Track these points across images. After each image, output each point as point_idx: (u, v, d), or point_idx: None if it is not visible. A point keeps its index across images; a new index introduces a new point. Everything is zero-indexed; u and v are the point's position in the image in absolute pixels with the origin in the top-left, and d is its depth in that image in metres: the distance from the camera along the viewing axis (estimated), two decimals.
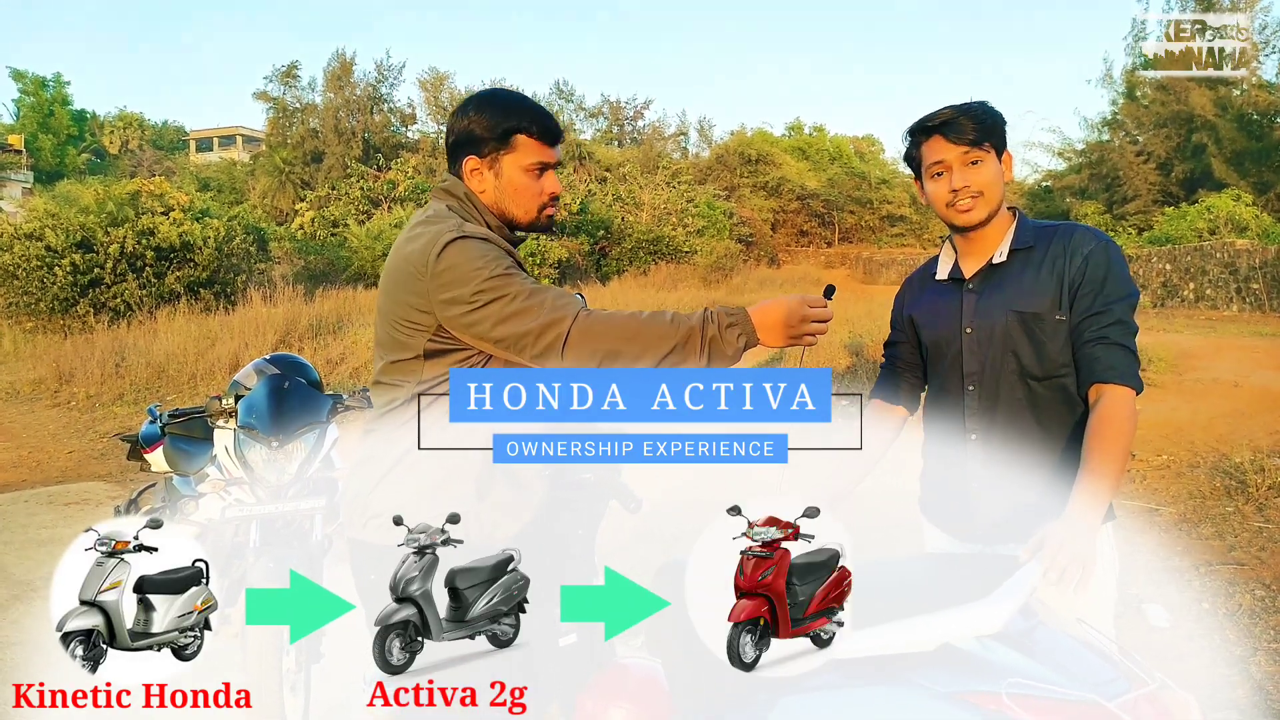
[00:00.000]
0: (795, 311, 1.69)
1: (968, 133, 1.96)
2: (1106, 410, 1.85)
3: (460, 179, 1.94)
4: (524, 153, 1.90)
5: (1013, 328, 1.98)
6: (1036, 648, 1.51)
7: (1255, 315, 16.74)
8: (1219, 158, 24.41)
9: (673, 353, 1.65)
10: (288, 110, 33.57)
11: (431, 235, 1.78)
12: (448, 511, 1.65)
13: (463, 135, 1.91)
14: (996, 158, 2.00)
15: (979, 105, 2.00)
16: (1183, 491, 5.73)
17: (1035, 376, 1.97)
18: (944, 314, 2.10)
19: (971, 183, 1.97)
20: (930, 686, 1.45)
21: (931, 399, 2.17)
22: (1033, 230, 2.05)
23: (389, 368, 1.85)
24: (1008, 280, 2.02)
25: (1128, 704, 1.42)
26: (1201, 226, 20.62)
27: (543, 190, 1.94)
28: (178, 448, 3.55)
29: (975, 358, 2.03)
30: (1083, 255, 1.95)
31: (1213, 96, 24.60)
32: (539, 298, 1.70)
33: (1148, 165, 26.41)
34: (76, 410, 10.07)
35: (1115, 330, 1.90)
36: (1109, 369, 1.88)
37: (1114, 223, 25.10)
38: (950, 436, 2.07)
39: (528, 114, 1.91)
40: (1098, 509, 1.73)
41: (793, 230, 34.98)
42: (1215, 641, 3.68)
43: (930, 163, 2.01)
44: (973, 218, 2.00)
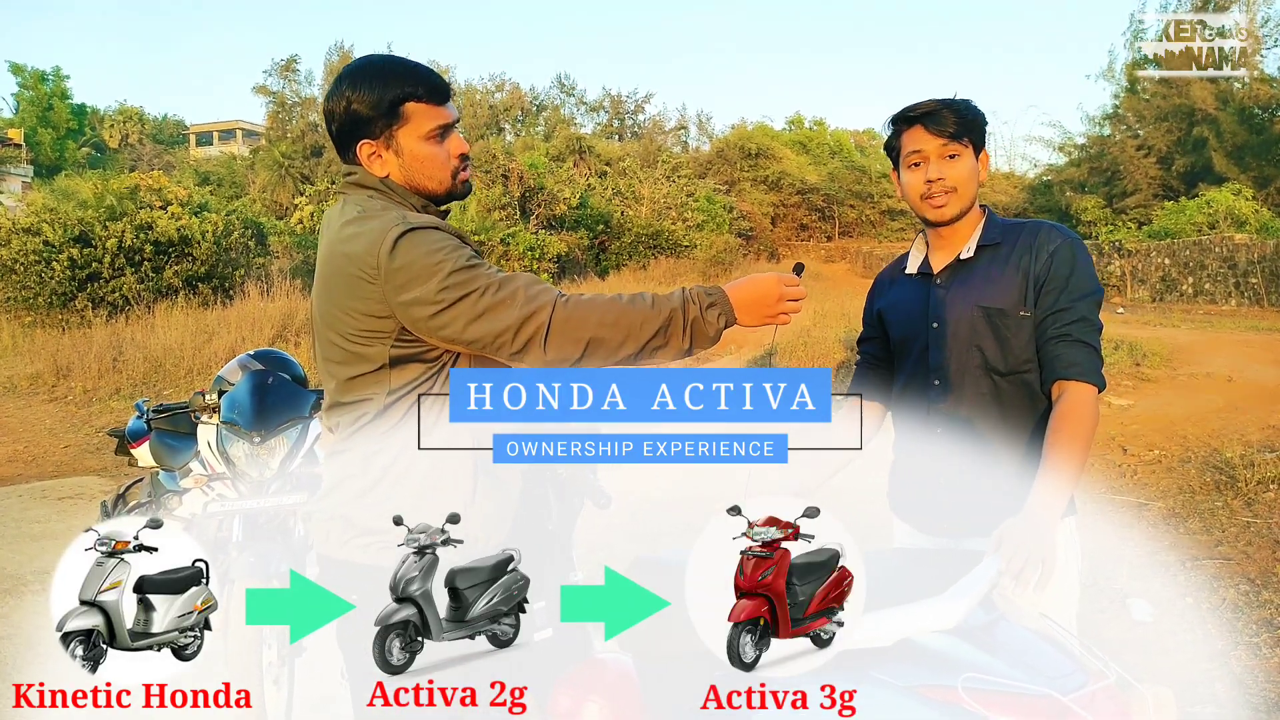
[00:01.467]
0: (771, 290, 1.66)
1: (948, 125, 1.97)
2: (1067, 406, 1.86)
3: (360, 167, 1.75)
4: (418, 121, 1.72)
5: (978, 322, 1.99)
6: (994, 642, 1.52)
7: (1253, 310, 16.73)
8: (1219, 151, 24.34)
9: (655, 337, 1.60)
10: (287, 104, 33.55)
11: (373, 232, 1.62)
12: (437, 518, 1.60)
13: (346, 120, 1.72)
14: (974, 155, 2.01)
15: (962, 101, 2.01)
16: (1173, 486, 5.74)
17: (999, 371, 1.98)
18: (911, 308, 2.11)
19: (947, 176, 1.98)
20: (887, 681, 1.46)
21: (899, 393, 2.18)
22: (1001, 227, 2.06)
23: (349, 385, 1.70)
24: (974, 276, 2.03)
25: (1084, 698, 1.42)
26: (1201, 221, 20.59)
27: (450, 154, 1.76)
28: (163, 443, 3.56)
29: (941, 352, 2.04)
30: (1048, 252, 1.97)
31: (1214, 90, 24.52)
32: (510, 289, 1.58)
33: (1148, 159, 26.34)
34: (73, 405, 10.10)
35: (1079, 327, 1.91)
36: (1071, 365, 1.89)
37: (1114, 217, 25.03)
38: (916, 431, 2.08)
39: (409, 78, 1.71)
40: (1056, 505, 1.74)
41: (793, 224, 34.94)
42: (1197, 636, 3.69)
43: (908, 151, 2.02)
44: (945, 213, 2.01)
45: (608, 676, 1.96)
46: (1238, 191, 21.38)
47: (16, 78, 48.61)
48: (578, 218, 24.84)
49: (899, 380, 2.18)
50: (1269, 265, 17.03)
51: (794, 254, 32.40)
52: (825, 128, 40.92)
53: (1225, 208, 20.51)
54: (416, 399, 1.68)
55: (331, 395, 1.76)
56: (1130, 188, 26.43)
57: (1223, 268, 17.88)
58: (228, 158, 39.06)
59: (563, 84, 40.25)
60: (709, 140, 39.80)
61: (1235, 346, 10.60)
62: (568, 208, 24.37)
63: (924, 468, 2.08)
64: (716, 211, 28.37)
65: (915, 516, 2.14)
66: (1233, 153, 24.37)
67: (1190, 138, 25.72)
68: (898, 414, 2.17)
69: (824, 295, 15.80)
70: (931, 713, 1.41)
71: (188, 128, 55.73)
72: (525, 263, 20.59)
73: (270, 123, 34.57)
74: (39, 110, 47.44)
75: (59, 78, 49.58)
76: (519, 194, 23.70)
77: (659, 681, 1.75)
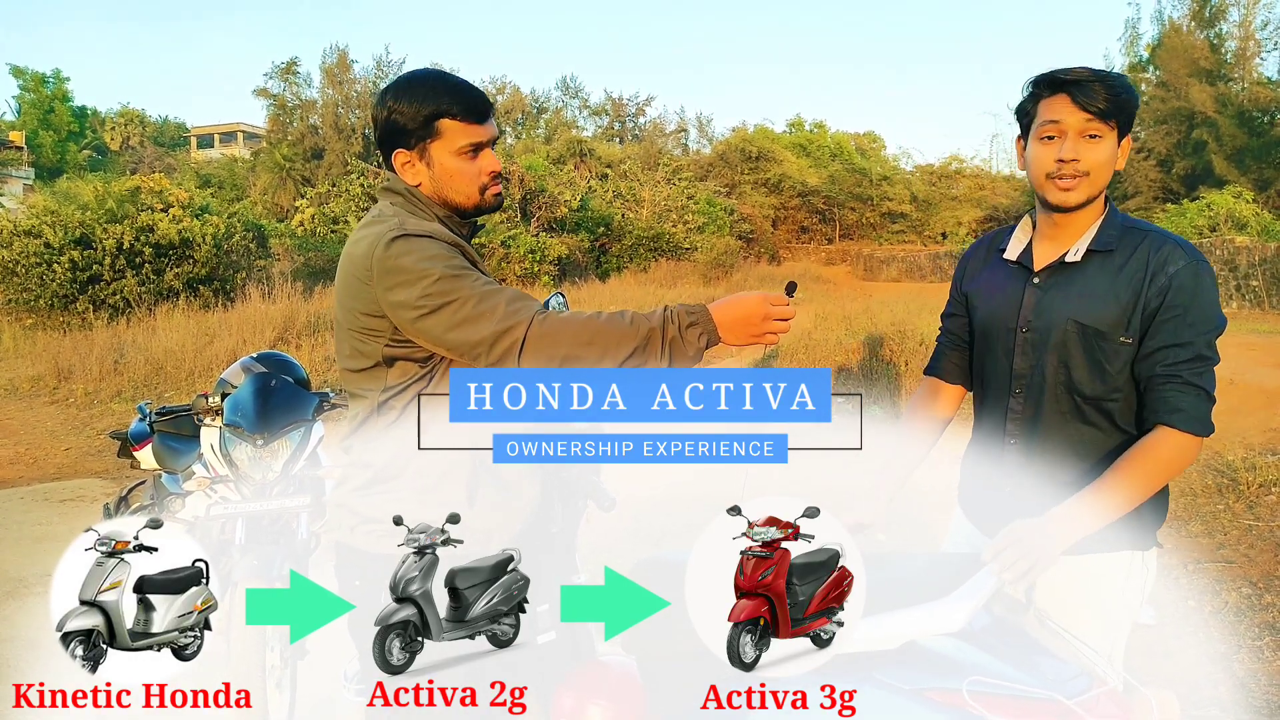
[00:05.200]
0: (757, 310, 1.65)
1: (1098, 99, 1.74)
2: (1157, 446, 1.73)
3: (395, 174, 1.85)
4: (452, 137, 1.79)
5: (1070, 338, 1.82)
6: (999, 645, 1.52)
7: (1254, 312, 16.74)
8: (1219, 154, 24.40)
9: (633, 355, 1.61)
10: (288, 107, 33.61)
11: (374, 236, 1.71)
12: (437, 517, 1.62)
13: (386, 128, 1.81)
14: (1117, 140, 1.79)
15: (1117, 75, 1.78)
16: (1174, 489, 5.69)
17: (1083, 395, 1.83)
18: (1002, 302, 1.94)
19: (1083, 158, 1.76)
20: (892, 684, 1.47)
21: (977, 390, 2.04)
22: (1119, 229, 1.85)
23: (352, 379, 1.81)
24: (1076, 283, 1.84)
25: (1088, 702, 1.43)
26: (1201, 224, 20.62)
27: (481, 171, 1.83)
28: (166, 445, 3.57)
29: (1026, 360, 1.88)
30: (1166, 275, 1.76)
31: (1213, 93, 24.57)
32: (491, 302, 1.63)
33: (1148, 162, 26.39)
34: (75, 407, 10.09)
35: (1190, 368, 1.74)
36: (1175, 411, 1.73)
37: None
38: (991, 433, 1.96)
39: (448, 95, 1.78)
40: (1083, 522, 1.66)
41: (793, 227, 35.00)
42: (1200, 639, 3.69)
43: (1044, 120, 1.79)
44: (1071, 199, 1.80)
45: (611, 678, 1.96)
46: (1238, 194, 21.41)
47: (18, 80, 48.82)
48: (578, 220, 24.86)
49: (979, 371, 2.03)
50: (1270, 268, 17.05)
51: (794, 256, 32.43)
52: (826, 130, 40.94)
53: (1226, 210, 20.54)
54: (413, 398, 1.75)
55: (347, 389, 1.86)
56: (1131, 190, 26.47)
57: (1224, 270, 17.89)
58: (229, 160, 39.13)
59: (567, 86, 40.34)
60: (710, 143, 39.96)
61: (1237, 349, 10.59)
62: (568, 210, 24.39)
63: (992, 472, 1.95)
64: (717, 214, 28.39)
65: (977, 514, 2.03)
66: (1233, 155, 24.42)
67: (1190, 140, 25.77)
68: (976, 406, 2.05)
69: (825, 298, 15.80)
70: (936, 716, 1.41)
71: (189, 130, 55.88)
72: (526, 265, 20.61)
73: (271, 125, 34.64)
74: (40, 113, 47.55)
75: (60, 80, 49.71)
76: (520, 196, 23.72)
77: (660, 682, 1.75)
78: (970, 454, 2.07)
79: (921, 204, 36.10)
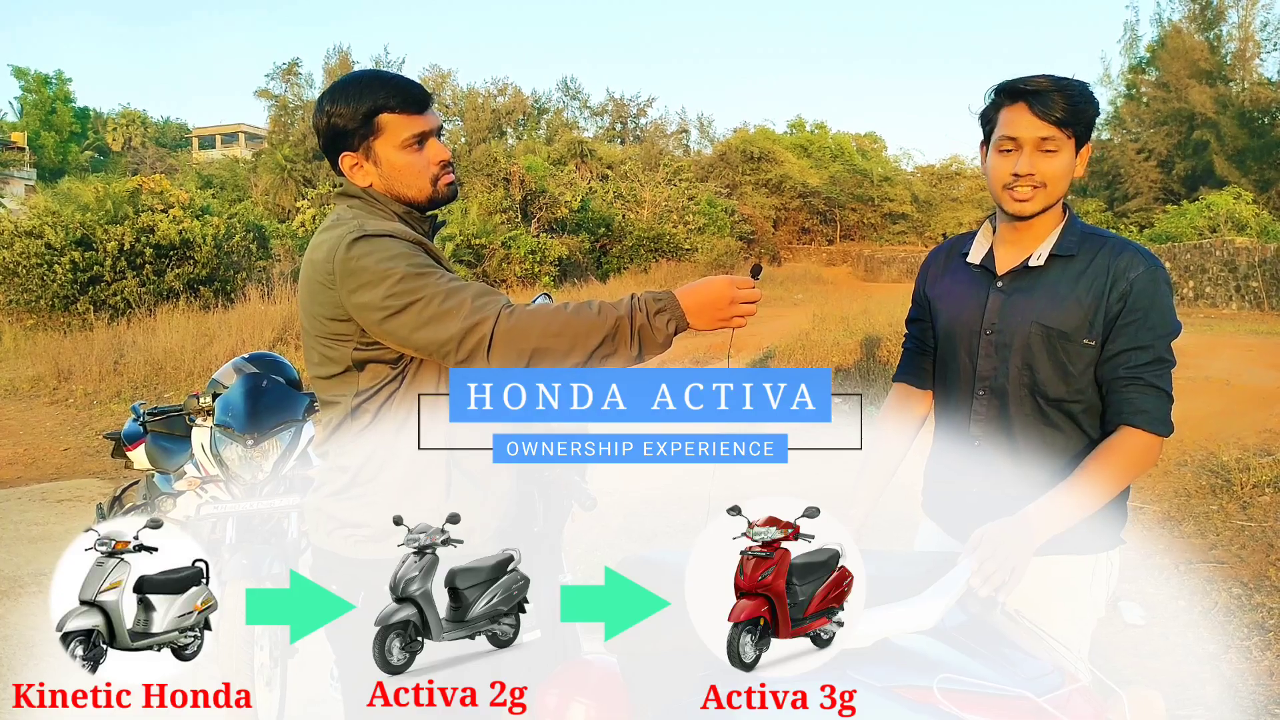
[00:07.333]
0: (724, 294, 1.63)
1: (1055, 110, 1.76)
2: (1123, 446, 1.77)
3: (345, 178, 1.83)
4: (394, 131, 1.76)
5: (1035, 341, 1.85)
6: (970, 643, 1.53)
7: (1254, 313, 16.72)
8: (1220, 155, 24.39)
9: (603, 345, 1.60)
10: (289, 107, 33.63)
11: (334, 240, 1.69)
12: (418, 519, 1.61)
13: (328, 134, 1.78)
14: (1075, 149, 1.82)
15: (1078, 84, 1.81)
16: (1168, 489, 5.74)
17: (1047, 397, 1.86)
18: (965, 306, 1.96)
19: (1038, 171, 1.80)
20: (864, 681, 1.47)
21: (939, 392, 2.06)
22: (1079, 236, 1.89)
23: (323, 386, 1.79)
24: (1040, 287, 1.87)
25: (1059, 699, 1.43)
26: (1201, 224, 20.61)
27: (429, 161, 1.80)
28: (158, 445, 3.58)
29: (990, 362, 1.91)
30: (1128, 280, 1.80)
31: (1213, 94, 24.56)
32: (457, 299, 1.61)
33: (1149, 163, 26.38)
34: (74, 407, 10.11)
35: (1152, 370, 1.79)
36: (1139, 412, 1.78)
37: (1115, 220, 25.08)
38: (956, 435, 1.98)
39: (383, 89, 1.76)
40: (1054, 521, 1.68)
41: (794, 228, 34.95)
42: (1189, 639, 3.70)
43: (1002, 135, 1.82)
44: (1027, 209, 1.83)
45: (593, 677, 1.97)
46: (1238, 195, 21.40)
47: (20, 81, 48.87)
48: (579, 221, 24.86)
49: (942, 374, 2.05)
50: (1270, 269, 17.03)
51: (795, 257, 32.40)
52: (826, 131, 40.90)
53: (1226, 211, 20.53)
54: (386, 400, 1.74)
55: (319, 397, 1.85)
56: (1131, 191, 26.48)
57: (1223, 271, 17.88)
58: (230, 161, 39.10)
59: (568, 87, 40.35)
60: (710, 144, 39.90)
61: (1235, 350, 10.59)
62: (569, 211, 24.39)
63: (958, 474, 1.98)
64: (718, 215, 28.37)
65: (944, 518, 2.05)
66: (1233, 156, 24.41)
67: (1190, 141, 25.77)
68: (937, 413, 2.07)
69: (824, 299, 15.76)
70: (907, 713, 1.42)
71: (190, 131, 55.88)
72: (526, 266, 20.61)
73: (272, 126, 34.65)
74: (42, 114, 47.62)
75: (62, 81, 49.79)
76: (520, 197, 23.73)
77: (659, 681, 1.75)
78: (934, 457, 2.09)
79: (922, 205, 36.06)
